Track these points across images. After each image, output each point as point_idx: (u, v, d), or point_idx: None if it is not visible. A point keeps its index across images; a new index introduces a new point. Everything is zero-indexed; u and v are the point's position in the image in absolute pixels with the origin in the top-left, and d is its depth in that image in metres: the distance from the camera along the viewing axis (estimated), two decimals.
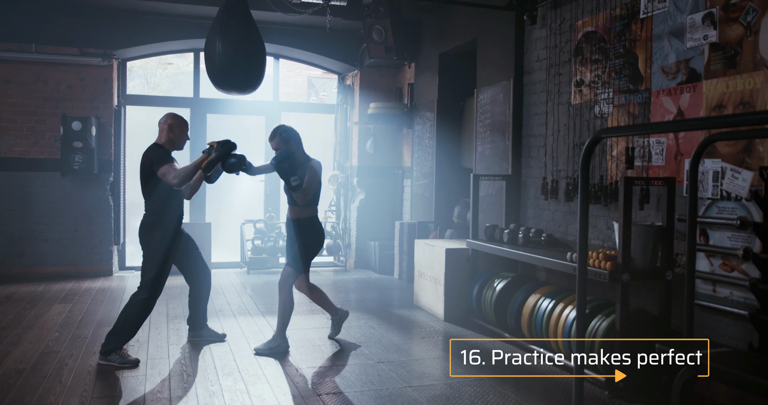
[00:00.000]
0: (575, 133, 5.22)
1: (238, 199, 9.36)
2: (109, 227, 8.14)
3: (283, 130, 4.83)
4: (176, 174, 4.43)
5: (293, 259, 4.91)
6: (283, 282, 4.89)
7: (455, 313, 5.93)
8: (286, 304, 4.88)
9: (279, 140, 4.79)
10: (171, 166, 4.49)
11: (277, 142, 4.79)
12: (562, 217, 5.40)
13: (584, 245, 3.12)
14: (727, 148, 3.81)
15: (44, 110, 7.91)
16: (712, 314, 3.90)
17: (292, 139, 4.82)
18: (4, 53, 7.70)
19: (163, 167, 4.46)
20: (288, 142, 4.79)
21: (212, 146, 4.57)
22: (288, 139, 4.80)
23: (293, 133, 4.86)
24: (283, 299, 4.89)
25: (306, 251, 4.88)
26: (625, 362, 3.91)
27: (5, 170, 7.80)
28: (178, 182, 4.45)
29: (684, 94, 4.14)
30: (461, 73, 7.60)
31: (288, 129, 4.86)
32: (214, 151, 4.54)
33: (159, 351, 4.82)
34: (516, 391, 4.04)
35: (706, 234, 3.93)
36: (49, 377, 4.17)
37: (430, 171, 7.99)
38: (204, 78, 8.26)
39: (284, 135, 4.80)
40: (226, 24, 5.23)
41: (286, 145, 4.77)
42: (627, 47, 4.66)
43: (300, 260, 4.87)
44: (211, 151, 4.54)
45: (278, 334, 4.88)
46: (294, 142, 4.83)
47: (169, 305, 6.34)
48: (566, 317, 4.46)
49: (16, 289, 7.09)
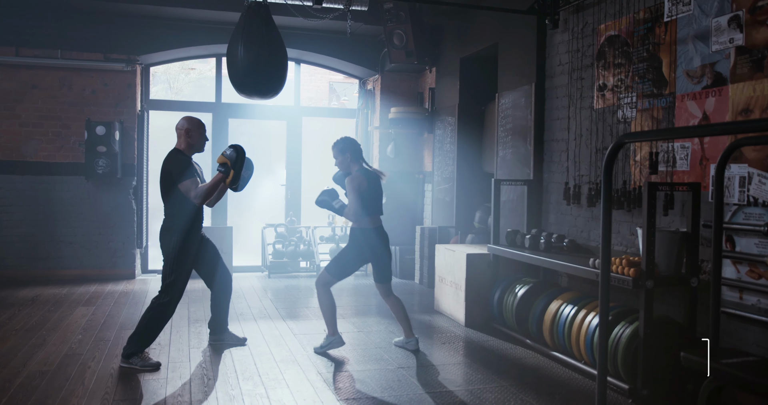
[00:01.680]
0: (598, 138, 5.17)
1: (260, 204, 9.40)
2: (132, 231, 8.22)
3: (341, 141, 4.98)
4: (197, 194, 4.49)
5: (334, 264, 5.00)
6: (317, 280, 5.02)
7: (476, 318, 5.89)
8: (323, 305, 5.00)
9: (336, 151, 4.97)
10: (192, 182, 4.51)
11: (335, 153, 4.98)
12: (584, 222, 5.34)
13: (607, 251, 3.08)
14: (754, 153, 3.75)
15: (69, 115, 8.02)
16: (739, 322, 3.83)
17: (347, 150, 4.95)
18: (31, 59, 7.82)
19: (185, 183, 4.50)
20: (343, 153, 4.94)
21: (225, 163, 4.54)
22: (344, 149, 4.95)
23: (350, 144, 4.98)
24: (319, 298, 5.01)
25: (378, 260, 4.99)
26: (648, 370, 3.86)
27: (31, 174, 7.91)
28: (200, 202, 4.53)
29: (709, 98, 4.08)
30: (482, 77, 7.57)
31: (347, 140, 4.99)
32: (232, 167, 4.53)
33: (180, 354, 4.85)
34: (537, 398, 4.00)
35: (733, 240, 3.87)
36: (72, 379, 4.21)
37: (451, 175, 7.97)
38: (226, 83, 8.35)
39: (340, 146, 4.96)
40: (248, 29, 5.26)
41: (342, 156, 4.94)
42: (651, 51, 4.61)
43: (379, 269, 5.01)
44: (227, 171, 4.53)
45: (329, 332, 5.02)
46: (350, 154, 4.94)
47: (190, 309, 6.38)
48: (589, 324, 4.41)
49: (40, 291, 7.18)
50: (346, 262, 4.98)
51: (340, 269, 4.98)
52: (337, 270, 4.98)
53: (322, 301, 4.99)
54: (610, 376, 4.08)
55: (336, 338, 5.00)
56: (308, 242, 8.91)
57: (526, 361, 4.83)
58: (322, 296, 4.99)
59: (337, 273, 4.98)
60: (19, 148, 7.88)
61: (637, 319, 4.04)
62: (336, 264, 4.99)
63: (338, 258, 5.01)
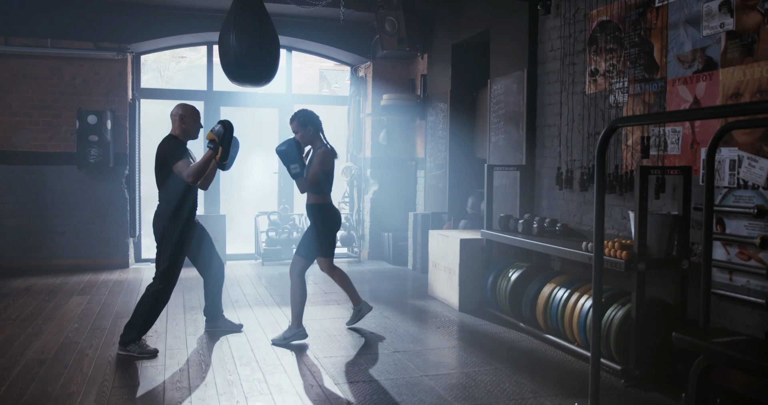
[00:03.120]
0: (590, 123, 5.20)
1: (252, 191, 9.42)
2: (125, 220, 8.22)
3: (302, 114, 4.88)
4: (189, 173, 4.47)
5: (302, 246, 4.97)
6: (291, 269, 4.96)
7: (470, 303, 5.95)
8: (295, 292, 4.91)
9: (297, 124, 4.86)
10: (185, 163, 4.52)
11: (295, 126, 4.86)
12: (576, 207, 5.39)
13: (600, 234, 3.13)
14: (744, 136, 3.79)
15: (60, 104, 7.98)
16: (729, 303, 3.90)
17: (309, 123, 4.86)
18: (20, 48, 7.77)
19: (178, 163, 4.50)
20: (305, 126, 4.85)
21: (213, 140, 4.53)
22: (305, 123, 4.85)
23: (312, 117, 4.89)
24: (292, 287, 4.93)
25: (325, 236, 4.93)
26: (641, 351, 3.92)
27: (22, 164, 7.88)
28: (193, 180, 4.51)
29: (700, 82, 4.12)
30: (474, 63, 7.58)
31: (308, 113, 4.90)
32: (221, 144, 4.52)
33: (177, 341, 4.88)
34: (532, 379, 4.06)
35: (723, 223, 3.92)
36: (71, 367, 4.24)
37: (443, 162, 8.00)
38: (217, 71, 8.32)
39: (302, 119, 4.85)
40: (240, 17, 5.25)
41: (303, 129, 4.84)
42: (642, 36, 4.64)
43: (320, 245, 4.93)
44: (216, 147, 4.53)
45: (293, 324, 4.90)
46: (312, 126, 4.87)
47: (185, 296, 6.40)
48: (581, 307, 4.47)
49: (34, 281, 7.18)
50: (314, 240, 4.94)
51: (309, 250, 4.94)
52: (307, 251, 4.94)
53: (294, 291, 4.91)
54: (603, 358, 4.14)
55: (300, 331, 4.89)
56: (301, 229, 8.93)
57: (520, 344, 4.89)
58: (296, 285, 4.91)
59: (308, 254, 4.94)
60: (9, 137, 7.84)
61: (629, 302, 4.10)
62: (304, 246, 4.96)
63: (305, 239, 4.97)
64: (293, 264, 4.96)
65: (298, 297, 4.91)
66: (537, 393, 3.82)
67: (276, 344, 4.82)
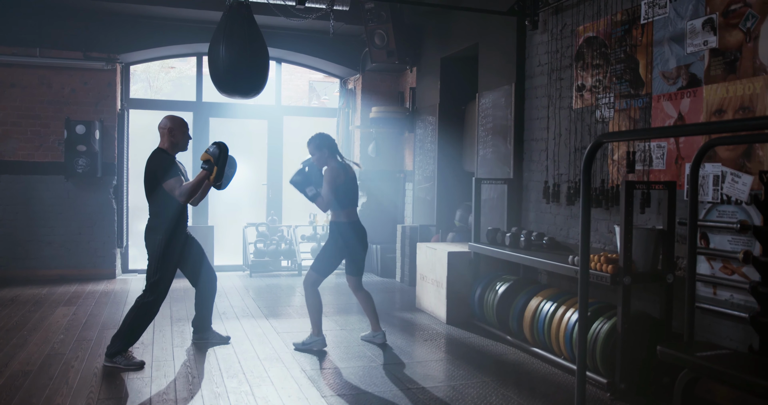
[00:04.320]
0: (576, 138, 5.26)
1: (241, 203, 9.40)
2: (113, 230, 8.19)
3: (317, 137, 5.05)
4: (181, 192, 4.51)
5: (317, 261, 5.09)
6: (305, 281, 5.11)
7: (457, 316, 5.96)
8: (310, 303, 5.06)
9: (313, 147, 5.02)
10: (176, 181, 4.53)
11: (311, 149, 5.04)
12: (563, 220, 5.43)
13: (586, 248, 3.16)
14: (727, 152, 3.85)
15: (48, 114, 7.96)
16: (713, 317, 3.94)
17: (324, 146, 5.02)
18: (9, 57, 7.76)
19: (169, 182, 4.52)
20: (321, 149, 5.00)
21: (208, 160, 4.57)
22: (320, 146, 5.01)
23: (327, 140, 5.05)
24: (306, 298, 5.08)
25: (353, 254, 5.09)
26: (626, 364, 3.95)
27: (9, 173, 7.84)
28: (184, 200, 4.55)
29: (684, 98, 4.18)
30: (463, 77, 7.64)
31: (323, 136, 5.06)
32: (215, 164, 4.55)
33: (164, 353, 4.86)
34: (518, 393, 4.08)
35: (707, 237, 3.97)
36: (56, 379, 4.21)
37: (431, 175, 8.03)
38: (207, 82, 8.34)
39: (317, 142, 5.03)
40: (230, 28, 5.27)
41: (319, 152, 5.00)
42: (628, 52, 4.71)
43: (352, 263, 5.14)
44: (210, 168, 4.56)
45: (313, 332, 5.06)
46: (327, 149, 5.02)
47: (173, 308, 6.37)
48: (568, 320, 4.50)
49: (20, 291, 7.13)
50: (328, 257, 5.06)
51: (323, 266, 5.05)
52: (321, 267, 5.05)
53: (309, 301, 5.06)
54: (589, 371, 4.17)
55: (320, 339, 5.05)
56: (289, 241, 8.93)
57: (507, 357, 4.91)
58: (310, 296, 5.05)
59: (322, 270, 5.05)
60: None
61: (615, 315, 4.13)
62: (319, 261, 5.07)
63: (320, 255, 5.09)
64: (307, 276, 5.10)
65: (314, 307, 5.06)
66: None
67: (297, 349, 5.00)
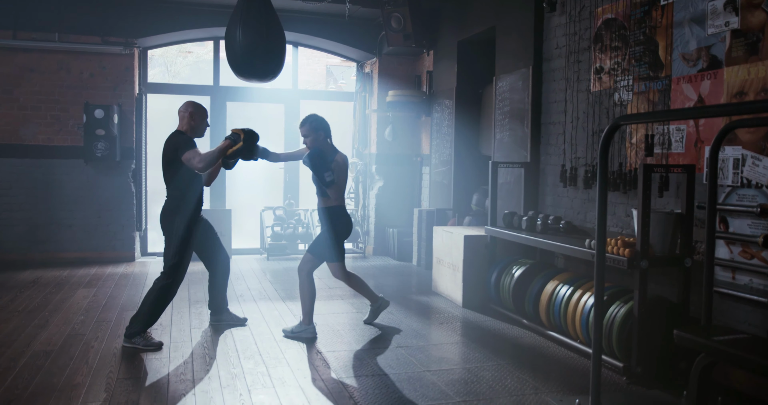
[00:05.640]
0: (594, 121, 5.21)
1: (258, 186, 9.44)
2: (131, 214, 8.27)
3: (313, 118, 4.90)
4: (201, 158, 4.48)
5: (315, 246, 4.99)
6: (300, 267, 4.98)
7: (473, 299, 5.97)
8: (304, 290, 4.94)
9: (308, 128, 4.87)
10: (195, 151, 4.54)
11: (306, 130, 4.88)
12: (580, 204, 5.40)
13: (603, 232, 3.14)
14: (748, 135, 3.80)
15: (67, 98, 8.03)
16: (731, 301, 3.91)
17: (321, 128, 4.89)
18: (28, 42, 7.81)
19: (188, 152, 4.52)
20: (317, 131, 4.87)
21: (237, 134, 4.59)
22: (317, 128, 4.87)
23: (323, 123, 4.92)
24: (301, 285, 4.96)
25: (336, 239, 4.95)
26: (643, 349, 3.93)
27: (30, 157, 7.94)
28: (203, 166, 4.51)
29: (705, 81, 4.12)
30: (480, 60, 7.58)
31: (319, 118, 4.92)
32: (242, 140, 4.56)
33: (182, 334, 4.92)
34: (534, 376, 4.08)
35: (726, 221, 3.93)
36: (76, 359, 4.28)
37: (448, 158, 8.01)
38: (224, 66, 8.34)
39: (314, 124, 4.87)
40: (246, 12, 5.27)
41: (314, 134, 4.86)
42: (647, 34, 4.64)
43: (332, 249, 4.95)
44: (237, 140, 4.57)
45: (304, 320, 4.94)
46: (323, 132, 4.90)
47: (191, 290, 6.44)
48: (584, 304, 4.49)
49: (41, 274, 7.24)
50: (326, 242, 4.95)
51: (321, 250, 4.96)
52: (319, 251, 4.96)
53: (303, 289, 4.94)
54: (605, 355, 4.16)
55: (311, 328, 4.92)
56: (306, 225, 8.97)
57: (522, 341, 4.91)
58: (305, 283, 4.94)
59: (319, 254, 4.97)
60: (17, 131, 7.89)
61: (631, 299, 4.11)
62: (317, 245, 4.99)
63: (319, 238, 5.00)
64: (303, 262, 4.97)
65: (307, 295, 4.94)
66: (539, 389, 3.85)
67: (286, 336, 4.90)
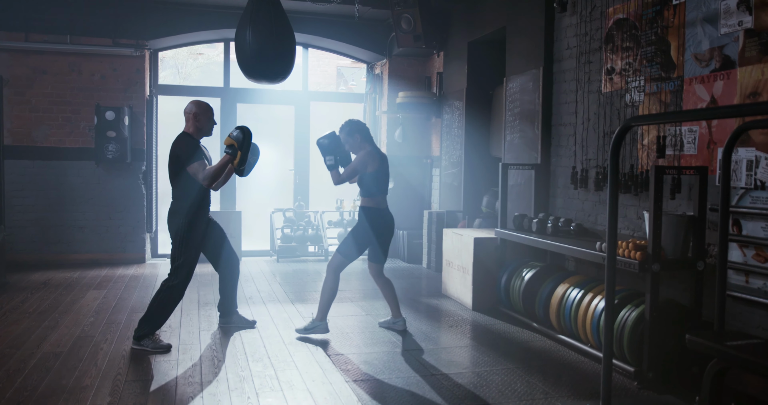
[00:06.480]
0: (605, 122, 5.16)
1: (268, 188, 9.45)
2: (142, 215, 8.29)
3: (346, 124, 5.09)
4: (205, 176, 4.53)
5: (343, 244, 5.05)
6: (329, 264, 5.05)
7: (483, 302, 5.93)
8: (327, 287, 5.01)
9: (344, 135, 5.04)
10: (200, 165, 4.55)
11: (343, 137, 5.05)
12: (591, 206, 5.35)
13: (614, 234, 3.10)
14: (762, 136, 3.74)
15: (78, 100, 8.07)
16: (745, 305, 3.85)
17: (356, 131, 5.03)
18: (40, 44, 7.86)
19: (193, 165, 4.54)
20: (352, 135, 5.02)
21: (233, 145, 4.55)
22: (351, 132, 5.03)
23: (357, 125, 5.06)
24: (325, 281, 5.02)
25: (377, 239, 5.02)
26: (654, 353, 3.88)
27: (41, 159, 7.98)
28: (207, 184, 4.58)
29: (717, 81, 4.07)
30: (490, 61, 7.55)
31: (352, 122, 5.08)
32: (239, 149, 4.54)
33: (190, 337, 4.92)
34: (543, 380, 4.04)
35: (739, 224, 3.87)
36: (85, 360, 4.28)
37: (458, 160, 7.98)
38: (234, 68, 8.37)
39: (349, 128, 5.05)
40: (256, 13, 5.26)
41: (351, 138, 5.02)
42: (659, 34, 4.59)
43: (376, 248, 5.06)
44: (234, 153, 4.56)
45: (317, 317, 5.01)
46: (359, 135, 5.02)
47: (200, 292, 6.44)
48: (595, 307, 4.44)
49: (52, 275, 7.27)
50: (356, 242, 5.00)
51: (349, 250, 5.00)
52: (347, 251, 5.00)
53: (326, 285, 4.99)
54: (616, 359, 4.12)
55: (323, 324, 4.99)
56: (316, 227, 8.96)
57: (532, 344, 4.87)
58: (329, 280, 4.99)
59: (348, 253, 5.00)
60: (29, 133, 7.94)
61: (643, 303, 4.06)
62: (346, 244, 5.02)
63: (348, 238, 5.04)
64: (332, 260, 5.05)
65: (328, 292, 5.00)
66: (548, 394, 3.81)
67: (298, 332, 4.99)
